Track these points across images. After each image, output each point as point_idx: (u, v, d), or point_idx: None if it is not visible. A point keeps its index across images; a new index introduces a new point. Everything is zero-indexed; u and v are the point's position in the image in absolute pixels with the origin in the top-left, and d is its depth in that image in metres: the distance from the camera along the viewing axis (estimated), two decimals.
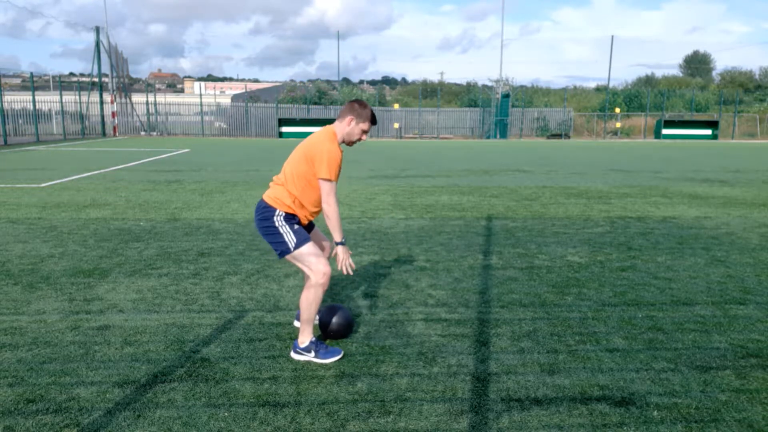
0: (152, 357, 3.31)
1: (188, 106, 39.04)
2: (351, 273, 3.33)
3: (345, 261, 3.30)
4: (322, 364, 3.25)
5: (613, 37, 47.49)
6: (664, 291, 4.63)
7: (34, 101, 26.37)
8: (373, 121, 3.38)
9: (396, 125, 37.65)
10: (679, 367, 3.23)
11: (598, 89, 52.15)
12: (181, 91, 79.92)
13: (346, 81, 75.11)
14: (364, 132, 3.38)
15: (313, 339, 3.31)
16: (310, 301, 3.26)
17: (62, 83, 30.28)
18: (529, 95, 44.29)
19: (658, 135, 37.31)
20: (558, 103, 42.24)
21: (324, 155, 3.20)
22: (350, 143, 3.40)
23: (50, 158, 17.34)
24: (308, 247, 3.27)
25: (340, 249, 3.30)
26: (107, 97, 33.70)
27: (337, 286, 4.73)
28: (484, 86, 42.37)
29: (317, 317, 3.58)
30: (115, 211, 8.11)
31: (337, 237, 3.30)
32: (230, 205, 8.74)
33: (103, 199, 9.23)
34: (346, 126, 3.34)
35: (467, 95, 47.86)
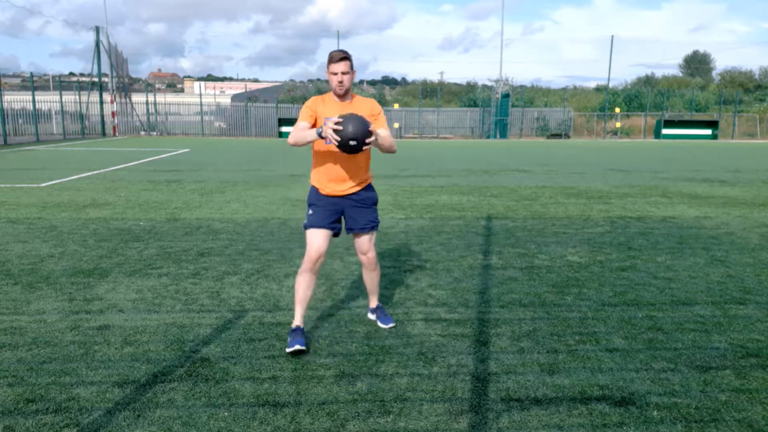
0: (152, 357, 3.31)
1: (188, 106, 39.06)
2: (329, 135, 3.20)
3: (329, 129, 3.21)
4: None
5: (613, 37, 47.42)
6: (664, 291, 4.63)
7: (33, 101, 26.37)
8: (331, 58, 3.40)
9: (396, 125, 37.65)
10: (679, 367, 3.23)
11: (598, 89, 52.14)
12: (181, 90, 79.96)
13: None
14: (333, 74, 3.42)
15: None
16: (295, 282, 3.59)
17: (62, 83, 30.30)
18: (529, 95, 44.29)
19: (658, 135, 37.32)
20: (558, 103, 42.24)
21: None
22: (339, 94, 3.48)
23: (50, 158, 17.34)
24: (309, 233, 3.56)
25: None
26: (107, 97, 33.71)
27: (336, 285, 4.73)
28: (484, 86, 42.37)
29: None
30: (115, 211, 8.12)
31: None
32: (230, 205, 8.74)
33: (103, 199, 9.23)
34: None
35: (467, 95, 47.86)
